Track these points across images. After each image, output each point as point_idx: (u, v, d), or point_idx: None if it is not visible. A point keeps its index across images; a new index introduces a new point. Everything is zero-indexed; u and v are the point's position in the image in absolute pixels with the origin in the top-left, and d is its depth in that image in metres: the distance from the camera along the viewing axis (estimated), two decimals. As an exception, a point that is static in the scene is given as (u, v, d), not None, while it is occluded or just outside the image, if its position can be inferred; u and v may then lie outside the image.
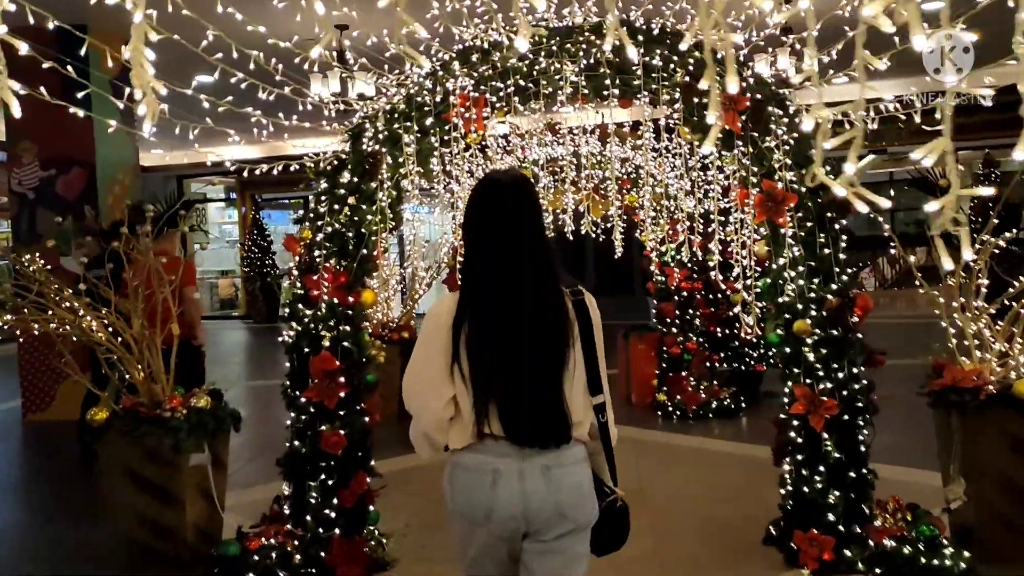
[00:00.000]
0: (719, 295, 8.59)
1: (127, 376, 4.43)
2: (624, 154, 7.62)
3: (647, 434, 7.33)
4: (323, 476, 4.26)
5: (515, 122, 6.33)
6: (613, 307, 8.48)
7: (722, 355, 8.68)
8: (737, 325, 8.59)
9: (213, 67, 3.82)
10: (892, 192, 14.69)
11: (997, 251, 4.27)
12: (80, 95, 3.37)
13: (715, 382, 8.38)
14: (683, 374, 8.09)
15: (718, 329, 8.61)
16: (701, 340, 8.28)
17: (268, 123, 4.17)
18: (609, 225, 8.03)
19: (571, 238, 7.54)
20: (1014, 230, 4.42)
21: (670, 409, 7.90)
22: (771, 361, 8.76)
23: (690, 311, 8.17)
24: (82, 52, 2.55)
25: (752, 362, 8.65)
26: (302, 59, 4.36)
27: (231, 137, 4.10)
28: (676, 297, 8.11)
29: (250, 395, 10.67)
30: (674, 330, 8.12)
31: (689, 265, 8.00)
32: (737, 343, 8.62)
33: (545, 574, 2.29)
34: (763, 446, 6.66)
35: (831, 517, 4.05)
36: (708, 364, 8.55)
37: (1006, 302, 4.12)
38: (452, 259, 8.30)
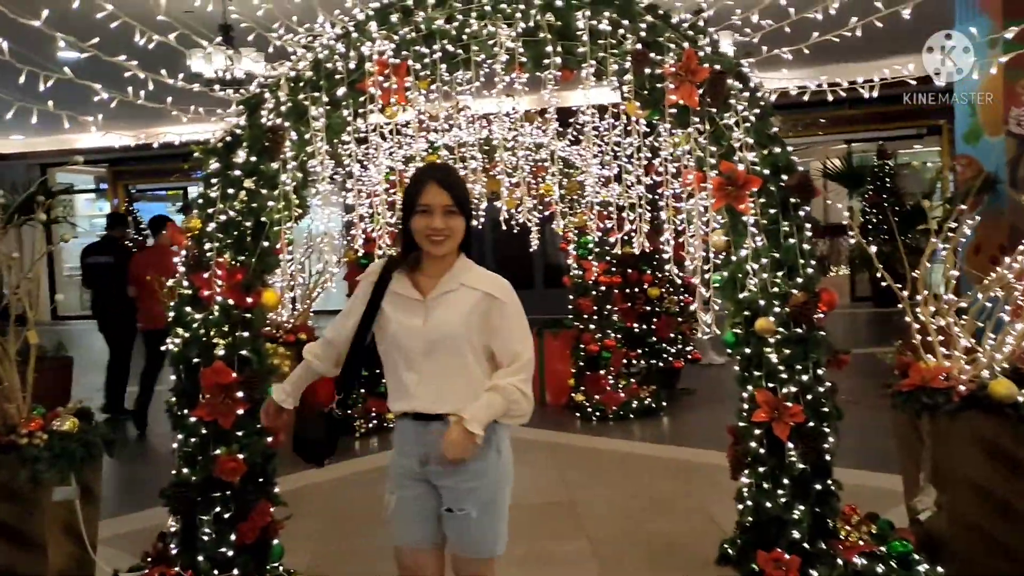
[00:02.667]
0: (636, 289, 8.25)
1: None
2: (538, 139, 7.16)
3: (567, 438, 6.91)
4: (218, 508, 3.60)
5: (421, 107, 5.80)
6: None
7: (639, 351, 8.36)
8: (655, 321, 8.32)
9: (76, 44, 3.17)
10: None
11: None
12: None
13: (633, 380, 8.04)
14: (601, 373, 7.70)
15: (635, 325, 8.28)
16: (619, 337, 7.91)
17: (146, 79, 3.45)
18: (519, 215, 7.57)
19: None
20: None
21: (588, 410, 7.51)
22: (687, 357, 8.51)
23: (608, 307, 7.78)
24: None
25: (670, 358, 8.36)
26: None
27: (98, 96, 3.39)
28: (594, 292, 7.71)
29: (128, 401, 9.71)
30: (592, 327, 7.72)
31: (608, 258, 7.62)
32: (655, 339, 8.32)
33: None
34: (691, 448, 6.37)
35: (796, 535, 3.67)
36: (625, 362, 8.21)
37: (979, 296, 3.84)
38: (351, 253, 7.67)
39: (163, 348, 3.74)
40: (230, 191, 3.63)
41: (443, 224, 2.56)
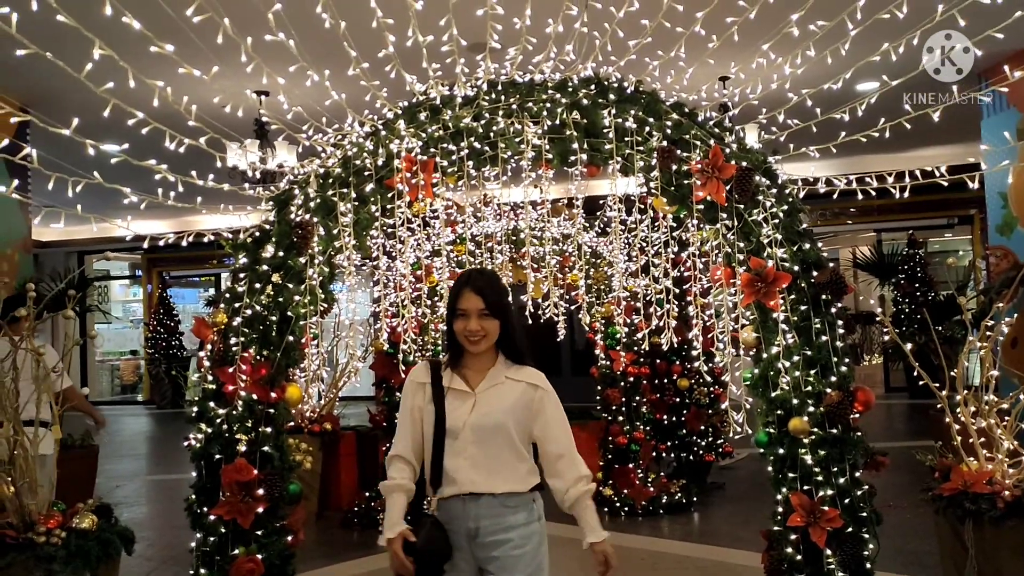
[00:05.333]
0: (665, 380, 8.14)
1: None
2: (565, 230, 7.18)
3: (595, 534, 6.69)
4: (235, 612, 3.50)
5: (449, 197, 5.85)
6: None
7: (668, 444, 8.19)
8: (685, 412, 8.17)
9: (120, 134, 3.26)
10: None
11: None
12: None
13: (662, 474, 7.85)
14: (630, 466, 7.53)
15: (664, 417, 8.14)
16: (648, 429, 7.76)
17: (176, 182, 3.49)
18: (547, 305, 7.55)
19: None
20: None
21: (617, 505, 7.31)
22: (719, 451, 8.32)
23: (637, 398, 7.65)
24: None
25: (700, 451, 8.17)
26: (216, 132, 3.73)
27: (128, 199, 3.44)
28: (622, 383, 7.60)
29: (152, 491, 9.65)
30: (620, 418, 7.58)
31: (636, 349, 7.54)
32: (685, 431, 8.16)
33: None
34: (723, 548, 6.15)
35: (837, 647, 3.49)
36: (655, 454, 8.03)
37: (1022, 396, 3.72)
38: (378, 343, 7.65)
39: None
40: (257, 285, 3.64)
41: (478, 326, 2.85)
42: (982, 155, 7.21)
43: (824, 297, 3.61)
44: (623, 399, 7.59)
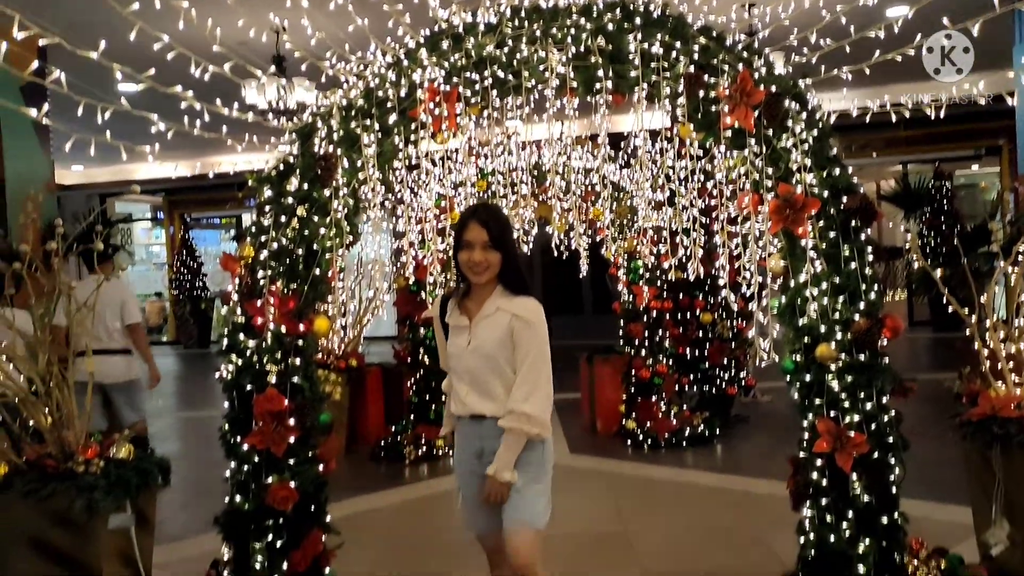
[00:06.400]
0: (688, 315, 8.14)
1: (30, 422, 3.70)
2: (588, 163, 7.12)
3: (618, 466, 6.79)
4: (271, 536, 3.58)
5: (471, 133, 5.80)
6: (563, 327, 7.85)
7: (691, 377, 8.23)
8: (707, 347, 8.18)
9: (133, 75, 3.24)
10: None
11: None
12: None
13: (685, 407, 7.91)
14: (653, 399, 7.58)
15: (687, 351, 8.16)
16: (670, 363, 7.79)
17: (202, 110, 3.48)
18: (570, 240, 7.53)
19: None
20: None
21: (640, 438, 7.38)
22: (742, 384, 8.36)
23: (659, 332, 7.67)
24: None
25: (724, 384, 8.21)
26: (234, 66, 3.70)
27: (150, 152, 3.44)
28: (644, 317, 7.61)
29: (182, 428, 9.85)
30: (643, 352, 7.61)
31: (659, 283, 7.53)
32: (707, 365, 8.18)
33: None
34: (747, 477, 6.21)
35: (862, 569, 3.54)
36: (677, 388, 8.08)
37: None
38: (401, 280, 7.69)
39: None
40: (282, 219, 3.65)
41: (481, 257, 3.00)
42: (1014, 81, 7.04)
43: (854, 223, 3.58)
44: (646, 333, 7.61)
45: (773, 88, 3.53)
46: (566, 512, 3.01)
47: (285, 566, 3.58)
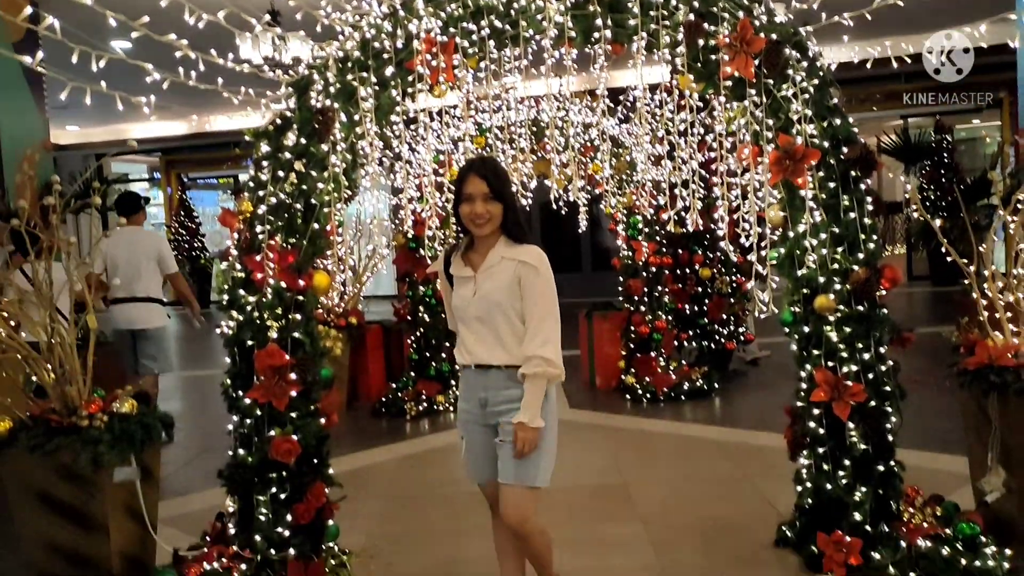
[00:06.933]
0: (687, 270, 8.15)
1: (34, 378, 3.72)
2: (587, 119, 7.07)
3: (618, 420, 6.84)
4: (274, 489, 3.63)
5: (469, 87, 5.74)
6: (562, 284, 7.79)
7: (690, 333, 8.26)
8: (706, 302, 8.20)
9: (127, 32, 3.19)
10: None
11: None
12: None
13: (684, 362, 7.94)
14: (652, 355, 7.61)
15: (686, 306, 8.18)
16: (669, 318, 7.81)
17: (196, 59, 3.43)
18: (568, 196, 7.49)
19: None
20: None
21: (639, 392, 7.42)
22: (740, 338, 8.39)
23: (659, 288, 7.68)
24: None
25: (722, 340, 8.24)
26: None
27: (146, 103, 3.40)
28: (644, 273, 7.61)
29: (184, 386, 9.90)
30: (642, 308, 7.63)
31: (658, 238, 7.53)
32: (706, 320, 8.21)
33: None
34: (745, 430, 6.26)
35: (858, 516, 3.59)
36: (676, 343, 8.11)
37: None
38: (400, 237, 7.68)
39: None
40: (280, 174, 3.63)
41: (483, 209, 2.99)
42: (1016, 24, 6.96)
43: (853, 173, 3.57)
44: (645, 289, 7.62)
45: (774, 36, 3.50)
46: (566, 466, 3.04)
47: (289, 517, 3.62)
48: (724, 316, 8.22)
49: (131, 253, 6.62)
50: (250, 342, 3.64)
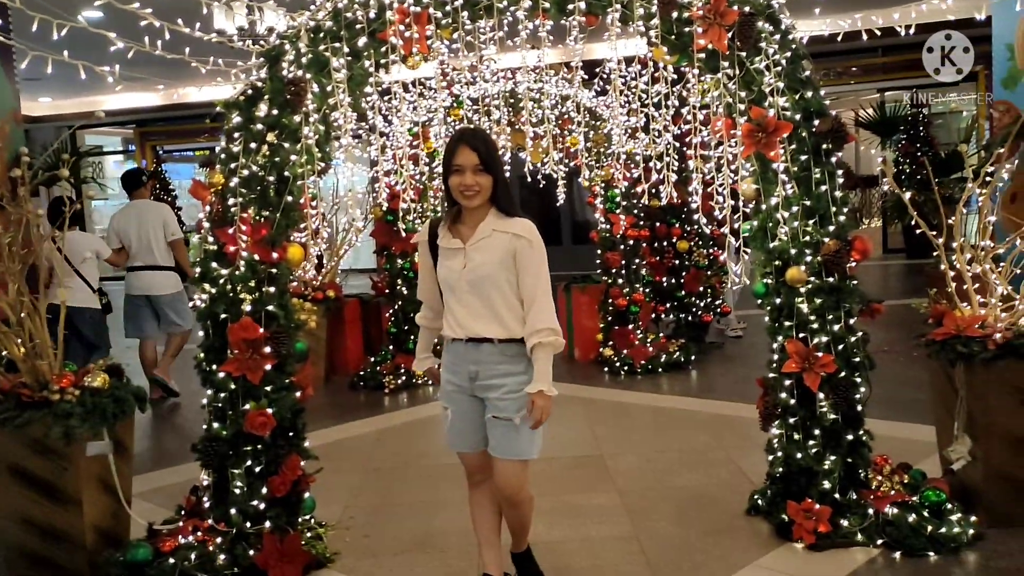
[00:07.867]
0: (665, 243, 8.17)
1: (3, 352, 3.70)
2: (564, 91, 7.04)
3: (596, 392, 6.88)
4: (249, 462, 3.64)
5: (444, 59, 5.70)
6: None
7: (668, 306, 8.30)
8: (684, 275, 8.24)
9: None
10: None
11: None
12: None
13: (661, 334, 7.99)
14: (629, 327, 7.65)
15: (663, 279, 8.22)
16: (647, 291, 7.85)
17: (162, 28, 3.39)
18: (545, 169, 7.48)
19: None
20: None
21: (617, 365, 7.46)
22: (717, 311, 8.44)
23: (636, 260, 7.71)
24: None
25: (699, 312, 8.29)
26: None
27: (110, 73, 3.35)
28: (622, 246, 7.63)
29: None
30: (620, 281, 7.65)
31: (636, 212, 7.54)
32: (683, 293, 8.25)
33: None
34: (720, 401, 6.32)
35: (827, 485, 3.65)
36: (654, 316, 8.15)
37: (1016, 243, 3.74)
38: (376, 209, 7.64)
39: None
40: (252, 145, 3.60)
41: (473, 180, 2.95)
42: (989, 2, 6.99)
43: (825, 146, 3.59)
44: (623, 262, 7.65)
45: (747, 9, 3.50)
46: (545, 438, 3.06)
47: (264, 491, 3.63)
48: (701, 288, 8.27)
49: (140, 225, 7.24)
50: (223, 315, 3.63)
